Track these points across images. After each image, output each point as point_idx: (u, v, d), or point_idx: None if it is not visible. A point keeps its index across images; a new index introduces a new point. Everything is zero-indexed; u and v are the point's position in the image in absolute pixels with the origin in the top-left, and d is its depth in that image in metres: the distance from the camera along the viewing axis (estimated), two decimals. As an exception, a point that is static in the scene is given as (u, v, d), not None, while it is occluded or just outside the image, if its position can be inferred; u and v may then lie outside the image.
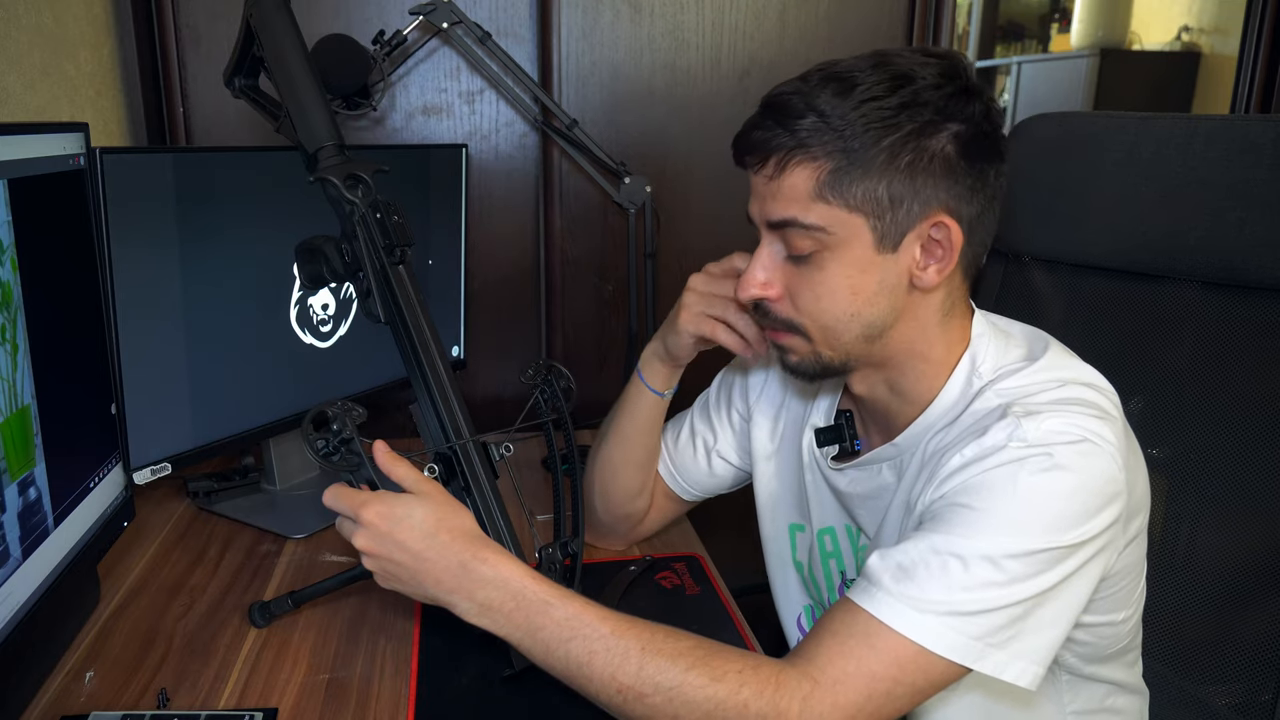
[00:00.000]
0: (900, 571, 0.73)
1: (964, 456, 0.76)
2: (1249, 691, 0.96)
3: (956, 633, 0.71)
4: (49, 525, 0.84)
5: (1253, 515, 0.97)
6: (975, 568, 0.71)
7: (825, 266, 0.79)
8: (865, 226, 0.77)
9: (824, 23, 1.61)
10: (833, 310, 0.80)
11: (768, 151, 0.78)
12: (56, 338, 0.86)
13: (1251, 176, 0.95)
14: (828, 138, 0.75)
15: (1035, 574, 0.71)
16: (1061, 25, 4.26)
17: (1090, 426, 0.74)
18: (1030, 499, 0.72)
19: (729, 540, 1.30)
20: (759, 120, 0.79)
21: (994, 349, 0.84)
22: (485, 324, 1.66)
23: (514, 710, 0.88)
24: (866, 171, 0.75)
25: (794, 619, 1.05)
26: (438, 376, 0.91)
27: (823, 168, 0.76)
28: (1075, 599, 0.74)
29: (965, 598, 0.71)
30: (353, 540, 0.81)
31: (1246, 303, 0.97)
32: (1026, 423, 0.74)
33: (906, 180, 0.76)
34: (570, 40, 1.56)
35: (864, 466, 0.91)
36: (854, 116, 0.75)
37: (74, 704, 0.87)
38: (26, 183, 0.80)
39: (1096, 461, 0.74)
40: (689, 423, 1.12)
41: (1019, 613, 0.72)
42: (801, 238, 0.78)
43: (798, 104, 0.76)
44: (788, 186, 0.77)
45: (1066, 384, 0.79)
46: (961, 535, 0.73)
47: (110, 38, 1.40)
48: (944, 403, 0.84)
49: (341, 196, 0.89)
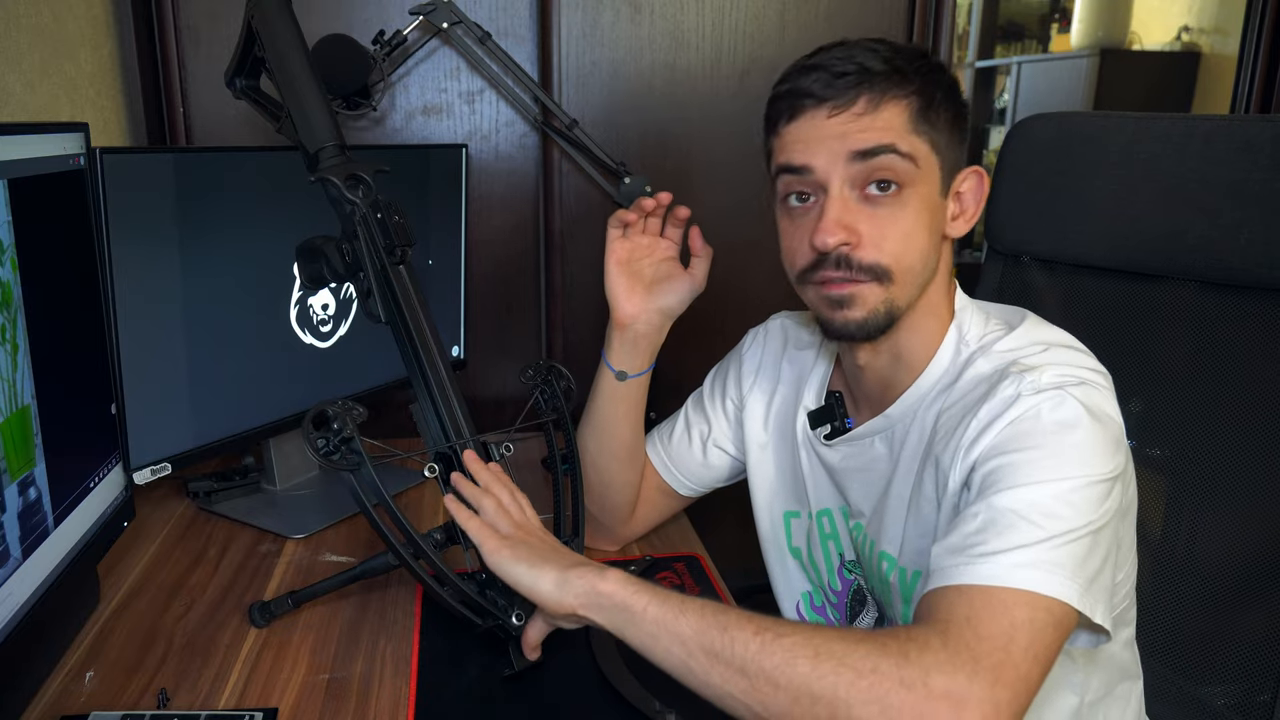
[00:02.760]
0: (974, 540, 0.70)
1: (980, 420, 0.77)
2: (1248, 691, 0.96)
3: (1055, 572, 0.68)
4: (49, 525, 0.84)
5: (1252, 515, 0.97)
6: (1040, 507, 0.70)
7: (908, 203, 0.82)
8: (937, 166, 0.84)
9: (824, 22, 1.61)
10: (918, 247, 0.83)
11: (860, 89, 0.81)
12: (56, 337, 0.86)
13: (1250, 177, 0.95)
14: (909, 77, 0.82)
15: (1094, 505, 0.72)
16: (1061, 25, 4.26)
17: (1087, 365, 0.79)
18: (1062, 434, 0.73)
19: (729, 540, 1.30)
20: (834, 64, 0.82)
21: (977, 319, 0.89)
22: (485, 324, 1.66)
23: (514, 710, 0.88)
24: (938, 114, 0.83)
25: (793, 606, 1.05)
26: (438, 376, 0.91)
27: (912, 103, 0.82)
28: (1113, 541, 0.75)
29: (1047, 535, 0.69)
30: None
31: (1245, 302, 0.98)
32: (1029, 375, 0.77)
33: (955, 130, 0.84)
34: (570, 40, 1.56)
35: (855, 441, 0.93)
36: (913, 67, 0.82)
37: (74, 704, 0.87)
38: (27, 183, 0.80)
39: (1099, 401, 0.77)
40: (683, 416, 1.13)
41: (1088, 546, 0.70)
42: (895, 164, 0.81)
43: (860, 54, 0.82)
44: (884, 119, 0.81)
45: (1050, 346, 0.82)
46: (1012, 487, 0.72)
47: (110, 38, 1.40)
48: (937, 369, 0.87)
49: (342, 196, 0.89)
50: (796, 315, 1.09)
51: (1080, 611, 0.68)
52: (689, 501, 1.17)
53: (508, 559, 0.81)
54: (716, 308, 1.69)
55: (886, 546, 0.89)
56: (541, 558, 0.80)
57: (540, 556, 0.81)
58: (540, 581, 0.79)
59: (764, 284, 1.68)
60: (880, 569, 0.90)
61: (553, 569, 0.79)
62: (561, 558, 0.81)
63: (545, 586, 0.78)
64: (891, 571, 0.89)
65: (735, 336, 1.15)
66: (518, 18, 1.55)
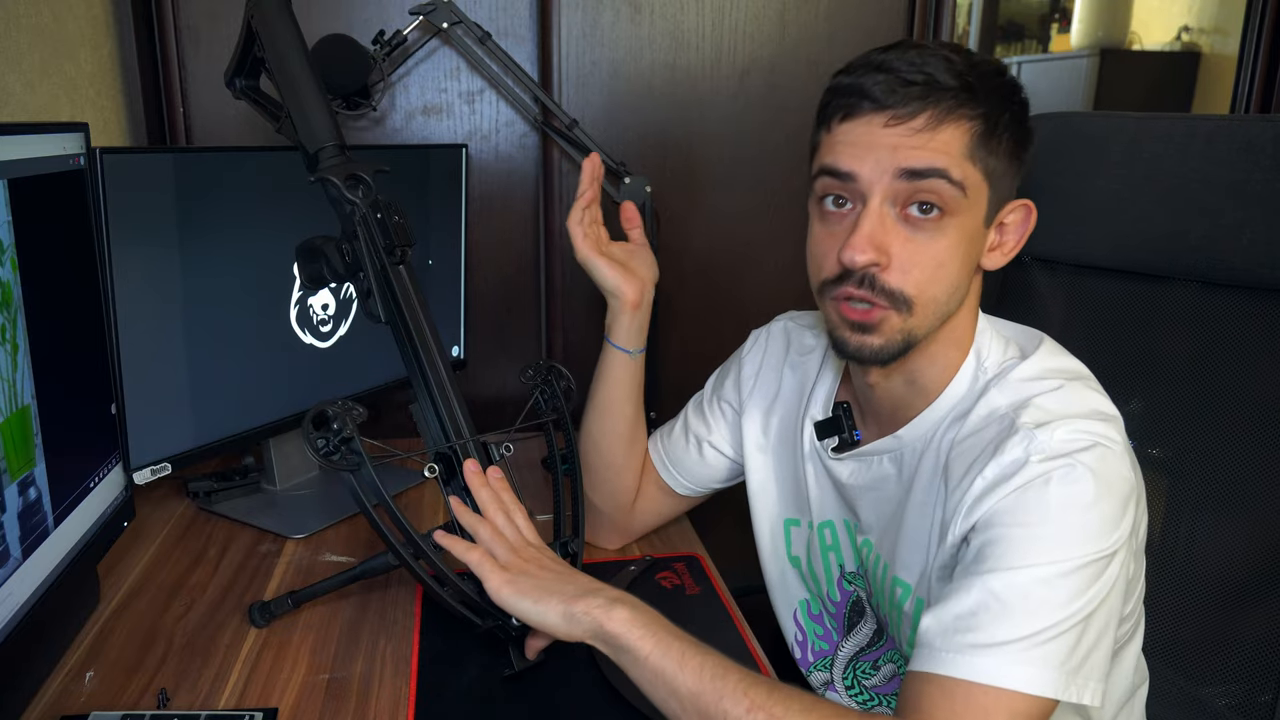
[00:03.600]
0: (964, 624, 0.71)
1: (986, 480, 0.75)
2: (1249, 691, 0.96)
3: (1040, 668, 0.69)
4: (49, 525, 0.84)
5: (1252, 515, 0.97)
6: (1034, 595, 0.70)
7: (947, 232, 0.78)
8: (986, 196, 0.79)
9: (824, 23, 1.61)
10: (945, 280, 0.79)
11: (925, 104, 0.76)
12: (56, 337, 0.86)
13: (1251, 176, 0.95)
14: (977, 97, 0.77)
15: (1086, 587, 0.71)
16: (1061, 25, 4.25)
17: (1097, 430, 0.75)
18: (1065, 513, 0.72)
19: (729, 540, 1.30)
20: (906, 70, 0.76)
21: (996, 344, 0.85)
22: (485, 324, 1.66)
23: (514, 710, 0.88)
24: (999, 141, 0.78)
25: (790, 613, 1.05)
26: (438, 376, 0.91)
27: (974, 128, 0.77)
28: (1116, 603, 0.74)
29: (1035, 629, 0.69)
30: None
31: (1246, 303, 0.97)
32: (1040, 434, 0.74)
33: (1014, 160, 0.80)
34: (570, 40, 1.56)
35: (863, 458, 0.91)
36: (992, 85, 0.77)
37: (74, 704, 0.87)
38: (27, 183, 0.80)
39: (1112, 464, 0.74)
40: (682, 419, 1.13)
41: (1080, 631, 0.70)
42: (943, 190, 0.76)
43: (936, 63, 0.76)
44: (942, 141, 0.76)
45: (1064, 384, 0.79)
46: (1009, 566, 0.71)
47: (110, 38, 1.40)
48: (952, 396, 0.84)
49: (342, 196, 0.89)
50: (802, 316, 1.08)
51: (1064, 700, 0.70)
52: (687, 504, 1.17)
53: (510, 595, 0.81)
54: (716, 309, 1.70)
55: (902, 573, 0.87)
56: (545, 590, 0.80)
57: (543, 588, 0.81)
58: (546, 616, 0.79)
59: (763, 284, 1.69)
60: (894, 594, 0.89)
61: (557, 602, 0.79)
62: (565, 585, 0.81)
63: (552, 620, 0.79)
64: (906, 599, 0.87)
65: (734, 337, 1.15)
66: (518, 18, 1.55)
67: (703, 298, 1.69)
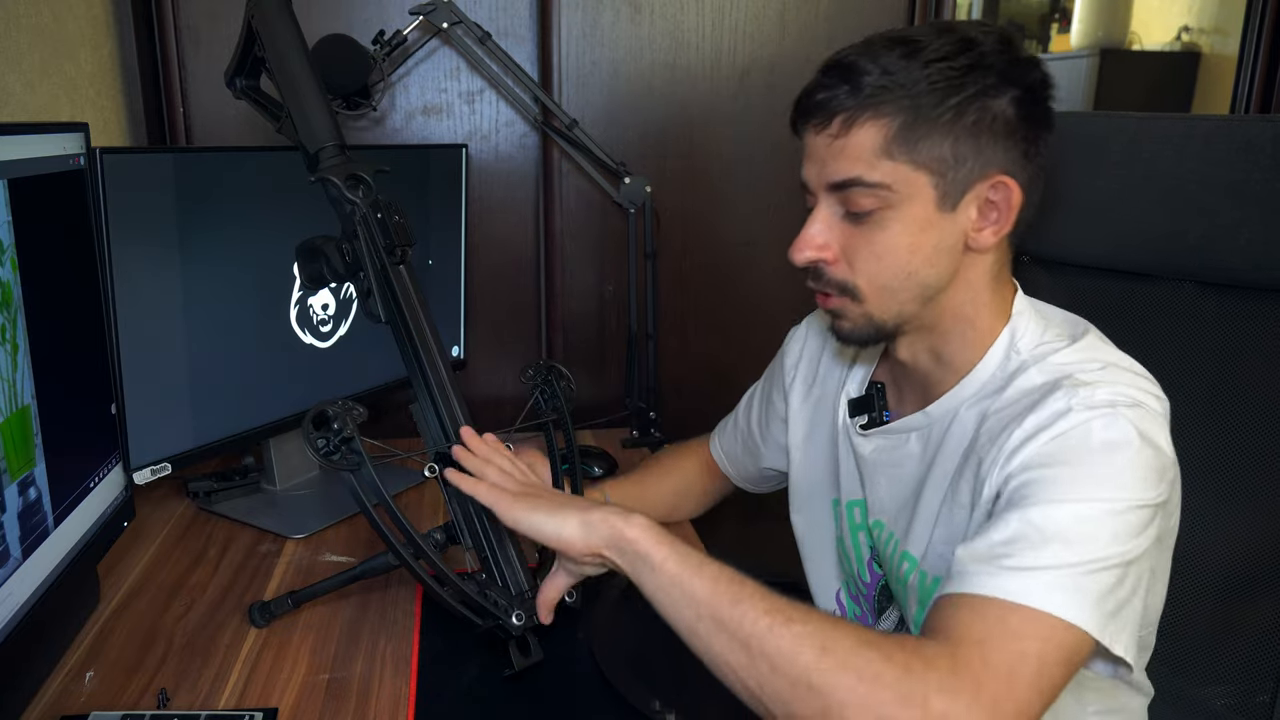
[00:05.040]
0: (1000, 550, 0.68)
1: (1025, 430, 0.74)
2: (1247, 692, 0.96)
3: (1079, 596, 0.66)
4: (49, 525, 0.84)
5: (1251, 514, 0.97)
6: (1074, 530, 0.68)
7: (887, 225, 0.79)
8: (928, 184, 0.78)
9: (824, 23, 1.61)
10: (891, 269, 0.80)
11: (833, 110, 0.78)
12: (56, 337, 0.86)
13: (1251, 177, 0.95)
14: (897, 94, 0.76)
15: (1132, 534, 0.69)
16: (1061, 25, 4.25)
17: (1143, 390, 0.76)
18: (1110, 454, 0.71)
19: (729, 540, 1.30)
20: (823, 81, 0.79)
21: (1034, 327, 0.85)
22: (485, 324, 1.66)
23: (514, 710, 0.88)
24: (933, 129, 0.77)
25: (833, 594, 1.04)
26: (438, 376, 0.91)
27: (890, 124, 0.77)
28: (1147, 571, 0.73)
29: (1075, 560, 0.67)
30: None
31: (1246, 303, 0.97)
32: (1082, 390, 0.74)
33: (970, 139, 0.77)
34: (570, 40, 1.56)
35: (891, 434, 0.91)
36: (920, 75, 0.76)
37: (74, 704, 0.87)
38: (26, 183, 0.80)
39: (1154, 428, 0.74)
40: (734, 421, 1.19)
41: (1119, 576, 0.68)
42: (864, 196, 0.78)
43: (864, 64, 0.77)
44: (854, 144, 0.78)
45: (1108, 365, 0.79)
46: (1050, 501, 0.69)
47: (110, 38, 1.40)
48: (982, 373, 0.84)
49: (342, 196, 0.89)
50: None
51: (1099, 641, 0.67)
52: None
53: (525, 510, 0.81)
54: (716, 309, 1.70)
55: (910, 547, 0.87)
56: (560, 505, 0.81)
57: (558, 504, 0.82)
58: (564, 526, 0.79)
59: (763, 284, 1.69)
60: (901, 570, 0.89)
61: (574, 511, 0.80)
62: (579, 502, 0.82)
63: (570, 529, 0.79)
64: (911, 573, 0.87)
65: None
66: (518, 18, 1.55)
67: (703, 297, 1.69)
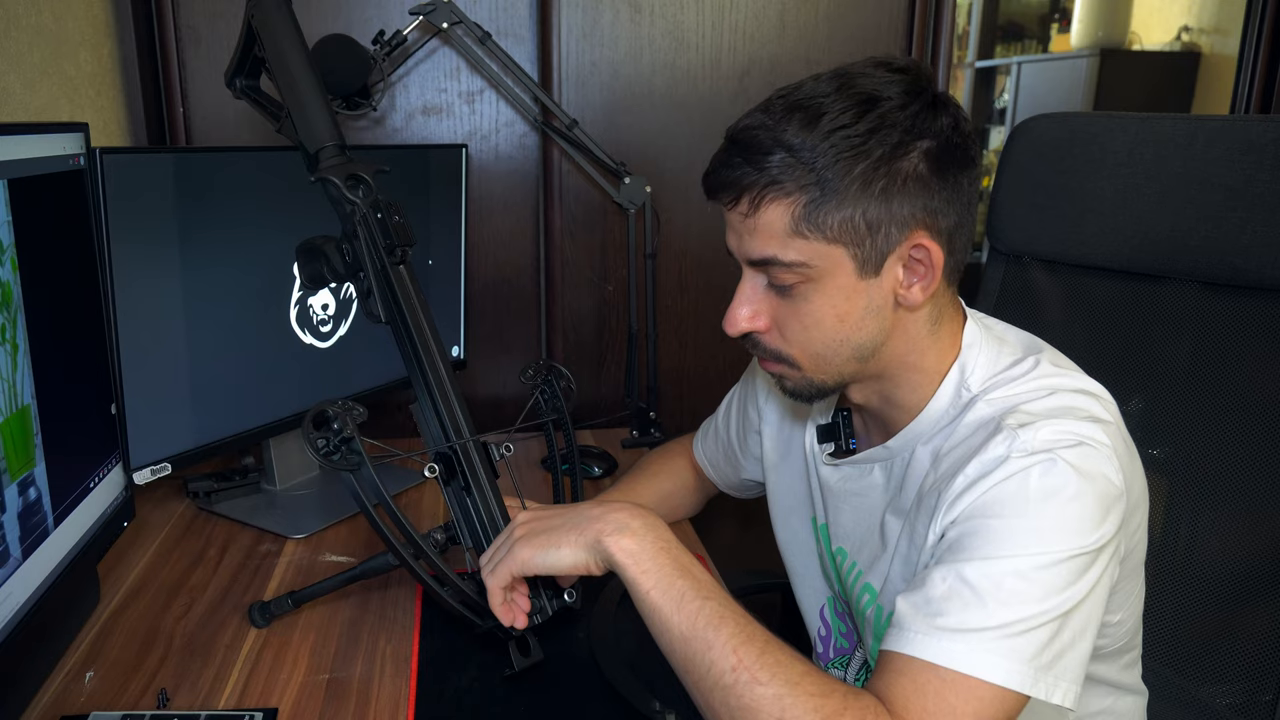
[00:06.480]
0: (935, 607, 0.70)
1: (967, 476, 0.75)
2: (1249, 692, 0.96)
3: (1010, 659, 0.68)
4: (49, 525, 0.84)
5: (1253, 515, 0.97)
6: (1007, 585, 0.69)
7: (810, 298, 0.78)
8: (846, 255, 0.76)
9: (824, 23, 1.61)
10: (821, 339, 0.80)
11: (740, 190, 0.77)
12: (56, 338, 0.86)
13: (1252, 177, 0.95)
14: (799, 172, 0.74)
15: (1064, 584, 0.70)
16: (1061, 25, 4.25)
17: (1083, 430, 0.74)
18: (1045, 504, 0.71)
19: (729, 540, 1.30)
20: (727, 158, 0.78)
21: (985, 358, 0.83)
22: (485, 324, 1.66)
23: (514, 710, 0.88)
24: (841, 201, 0.74)
25: (817, 609, 1.05)
26: (438, 376, 0.91)
27: (797, 202, 0.75)
28: (1098, 608, 0.73)
29: (1006, 620, 0.68)
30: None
31: (1247, 303, 0.97)
32: (1023, 433, 0.74)
33: (882, 204, 0.75)
34: (570, 40, 1.56)
35: (857, 464, 0.92)
36: (824, 147, 0.73)
37: (74, 704, 0.87)
38: (26, 183, 0.80)
39: (1096, 464, 0.73)
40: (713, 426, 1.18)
41: (1055, 628, 0.69)
42: (784, 273, 0.77)
43: (765, 139, 0.75)
44: (764, 224, 0.76)
45: (1056, 392, 0.78)
46: (985, 556, 0.70)
47: (110, 38, 1.40)
48: (934, 411, 0.84)
49: (342, 196, 0.89)
50: None
51: (1033, 696, 0.69)
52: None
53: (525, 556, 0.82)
54: (715, 309, 1.70)
55: (871, 578, 0.88)
56: (554, 536, 0.81)
57: (552, 537, 0.82)
58: (561, 560, 0.80)
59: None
60: (861, 601, 0.90)
61: (571, 534, 0.80)
62: (577, 517, 0.82)
63: (567, 563, 0.80)
64: (870, 606, 0.88)
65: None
66: (518, 18, 1.55)
67: (702, 298, 1.69)
